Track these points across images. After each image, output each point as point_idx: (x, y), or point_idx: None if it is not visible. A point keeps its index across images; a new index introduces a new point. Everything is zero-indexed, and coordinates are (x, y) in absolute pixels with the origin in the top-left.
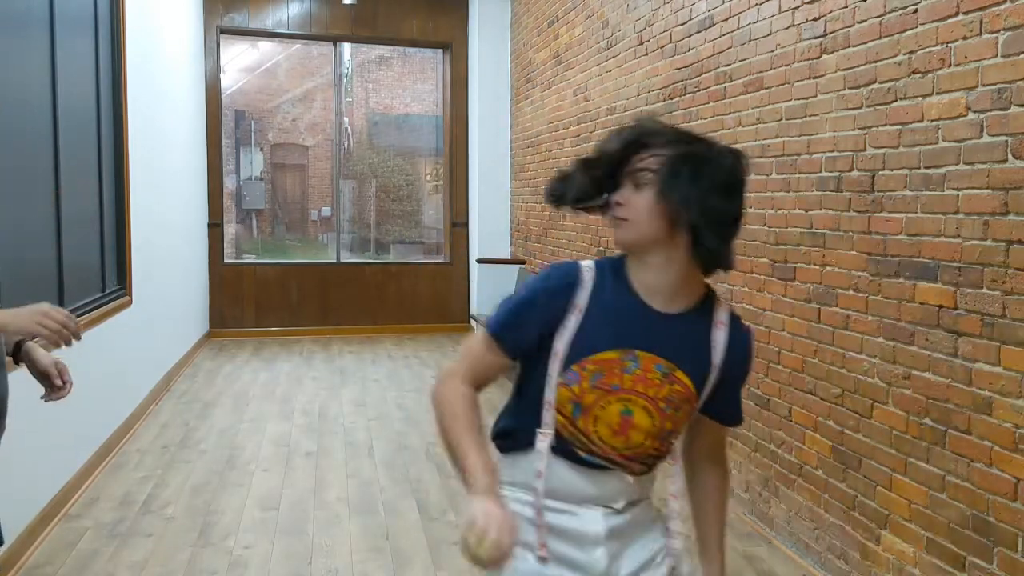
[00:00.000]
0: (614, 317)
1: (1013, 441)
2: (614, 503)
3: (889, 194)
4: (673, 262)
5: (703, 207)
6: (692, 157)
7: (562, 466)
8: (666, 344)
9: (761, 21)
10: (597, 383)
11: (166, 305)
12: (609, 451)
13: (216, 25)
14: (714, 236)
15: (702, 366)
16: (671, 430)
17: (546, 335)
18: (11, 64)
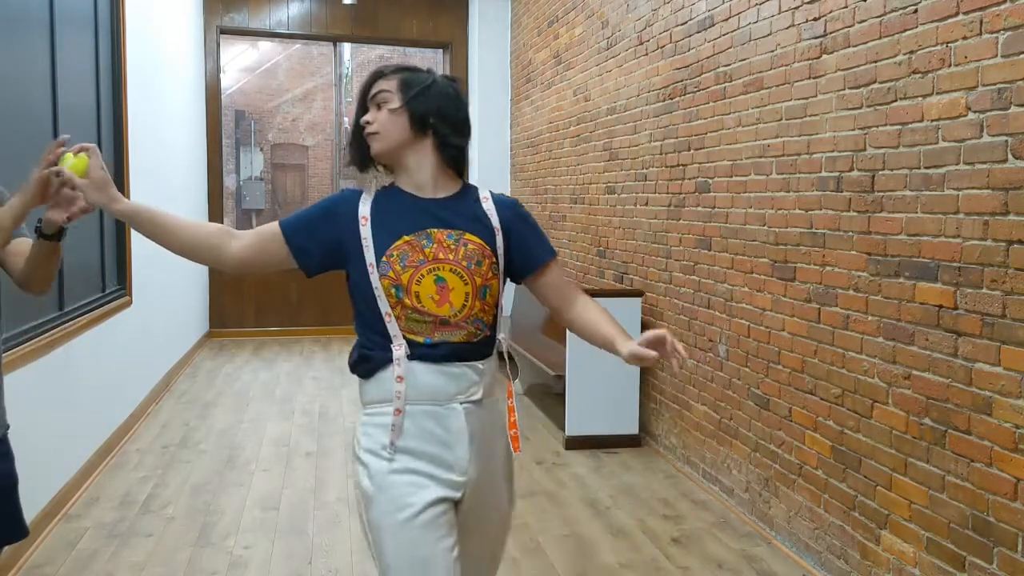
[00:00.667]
0: (397, 214)
1: (1013, 441)
2: (472, 396)
3: (889, 194)
4: (425, 159)
5: (440, 112)
6: (419, 76)
7: (421, 369)
8: (447, 218)
9: (761, 21)
10: (406, 263)
11: (166, 305)
12: (442, 317)
13: (216, 25)
14: (455, 135)
15: (485, 228)
16: (483, 285)
17: (349, 251)
18: (11, 64)
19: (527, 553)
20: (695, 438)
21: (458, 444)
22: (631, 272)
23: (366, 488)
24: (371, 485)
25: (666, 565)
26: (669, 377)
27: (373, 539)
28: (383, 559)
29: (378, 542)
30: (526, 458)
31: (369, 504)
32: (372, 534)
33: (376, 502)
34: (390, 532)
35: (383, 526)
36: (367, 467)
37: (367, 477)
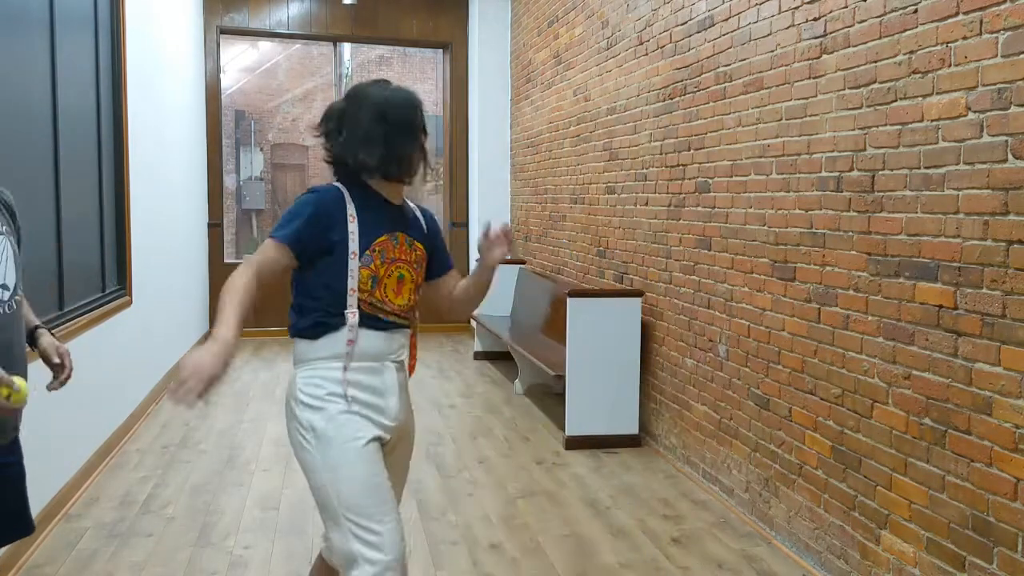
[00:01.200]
0: (376, 214)
1: (1013, 441)
2: (400, 356)
3: (889, 194)
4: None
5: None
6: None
7: (366, 333)
8: (404, 225)
9: (761, 21)
10: (384, 259)
11: (166, 305)
12: (395, 308)
13: (216, 25)
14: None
15: (424, 237)
16: (417, 284)
17: (335, 241)
18: (11, 64)
19: (527, 553)
20: (695, 438)
21: (390, 394)
22: (631, 272)
23: (322, 428)
24: (327, 425)
25: (666, 565)
26: (669, 377)
27: (327, 478)
28: (341, 493)
29: (334, 479)
30: (526, 458)
31: (325, 442)
32: (326, 473)
33: (332, 440)
34: (348, 465)
35: (340, 461)
36: (321, 410)
37: (323, 419)
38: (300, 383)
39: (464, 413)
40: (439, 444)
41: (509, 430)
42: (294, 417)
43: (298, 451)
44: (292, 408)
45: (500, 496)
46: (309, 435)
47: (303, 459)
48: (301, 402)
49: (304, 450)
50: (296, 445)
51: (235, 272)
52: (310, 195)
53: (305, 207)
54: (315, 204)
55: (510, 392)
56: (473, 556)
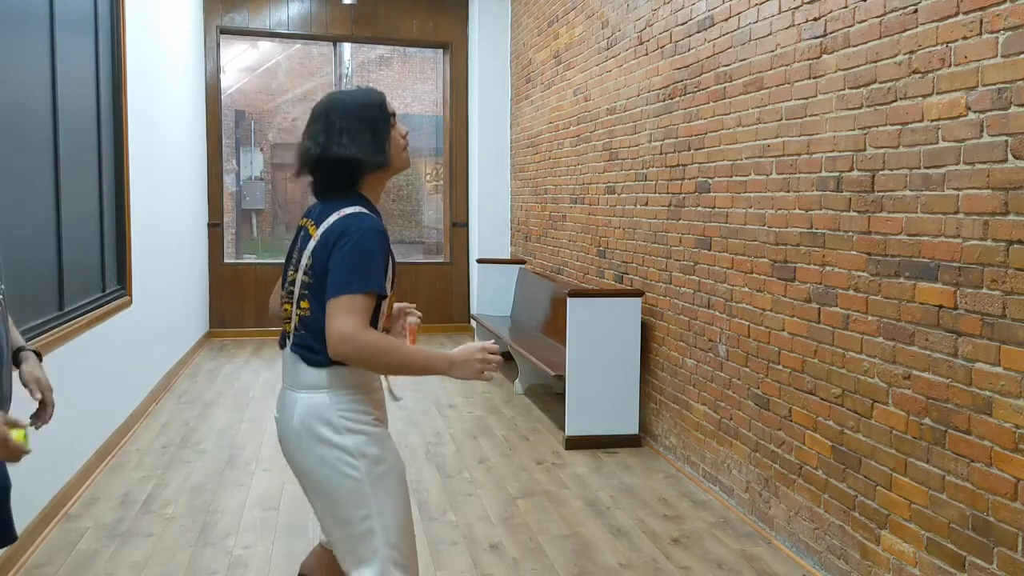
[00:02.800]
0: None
1: (1013, 441)
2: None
3: (889, 194)
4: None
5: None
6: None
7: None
8: None
9: (761, 21)
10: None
11: (166, 305)
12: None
13: (216, 25)
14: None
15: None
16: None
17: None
18: (11, 64)
19: (527, 553)
20: (695, 438)
21: (384, 406)
22: (631, 272)
23: (375, 454)
24: (378, 449)
25: (666, 565)
26: (669, 377)
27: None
28: (391, 524)
29: (385, 509)
30: (526, 458)
31: (379, 468)
32: (376, 502)
33: (385, 463)
34: (399, 495)
35: (392, 485)
36: (368, 434)
37: (372, 444)
38: (337, 409)
39: (464, 413)
40: (439, 444)
41: (509, 430)
42: (334, 446)
43: (337, 482)
44: (327, 437)
45: (500, 496)
46: (359, 461)
47: (345, 488)
48: (346, 429)
49: (349, 479)
50: (336, 476)
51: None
52: (374, 236)
53: (379, 248)
54: (384, 245)
55: (510, 392)
56: (473, 556)
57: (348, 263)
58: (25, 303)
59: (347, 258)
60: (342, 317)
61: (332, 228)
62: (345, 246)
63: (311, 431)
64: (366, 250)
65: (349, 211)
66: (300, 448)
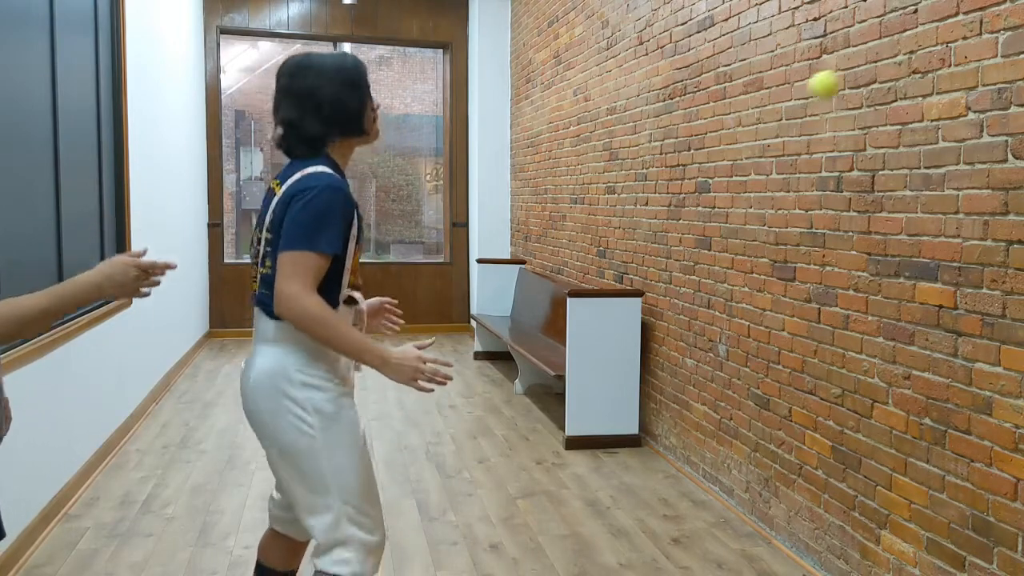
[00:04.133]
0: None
1: (1013, 441)
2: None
3: (889, 194)
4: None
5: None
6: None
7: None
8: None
9: (761, 21)
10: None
11: (166, 305)
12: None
13: (216, 25)
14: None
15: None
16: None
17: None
18: (11, 64)
19: (527, 553)
20: (695, 438)
21: (351, 366)
22: (631, 272)
23: (330, 411)
24: (333, 407)
25: (666, 565)
26: (669, 377)
27: (329, 463)
28: (345, 479)
29: (339, 464)
30: (526, 458)
31: (333, 425)
32: (328, 458)
33: (340, 423)
34: (353, 450)
35: (346, 446)
36: (322, 390)
37: (327, 400)
38: (295, 363)
39: (464, 413)
40: (439, 444)
41: (509, 430)
42: (288, 398)
43: (291, 435)
44: (284, 388)
45: (500, 496)
46: (312, 417)
47: (298, 443)
48: (301, 383)
49: (303, 434)
50: (289, 429)
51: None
52: (332, 193)
53: (336, 209)
54: (343, 204)
55: (510, 392)
56: (473, 556)
57: (301, 220)
58: None
59: (300, 214)
60: (287, 277)
61: (293, 184)
62: (300, 202)
63: (267, 383)
64: (321, 208)
65: (311, 170)
66: (255, 399)
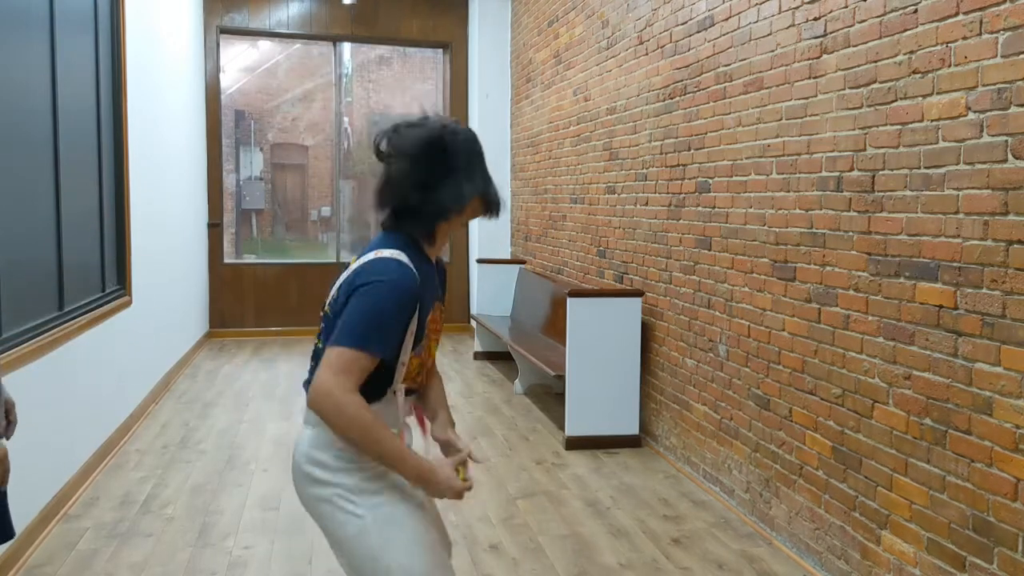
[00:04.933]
0: (429, 283)
1: (1013, 441)
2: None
3: (889, 194)
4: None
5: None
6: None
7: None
8: (439, 289)
9: (761, 21)
10: (431, 338)
11: (166, 305)
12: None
13: (216, 25)
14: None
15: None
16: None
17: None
18: (11, 64)
19: (527, 553)
20: (695, 438)
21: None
22: (631, 272)
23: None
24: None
25: (666, 565)
26: (669, 377)
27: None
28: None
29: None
30: (526, 458)
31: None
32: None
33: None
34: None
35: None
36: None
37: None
38: (336, 447)
39: (464, 413)
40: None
41: (509, 430)
42: (328, 484)
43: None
44: (322, 476)
45: (500, 496)
46: (359, 497)
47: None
48: (339, 468)
49: (352, 516)
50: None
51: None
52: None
53: (395, 306)
54: (403, 299)
55: (510, 392)
56: (473, 556)
57: (358, 314)
58: (25, 303)
59: (358, 308)
60: (330, 370)
61: (362, 267)
62: (361, 294)
63: (308, 466)
64: (380, 305)
65: (386, 254)
66: (303, 482)
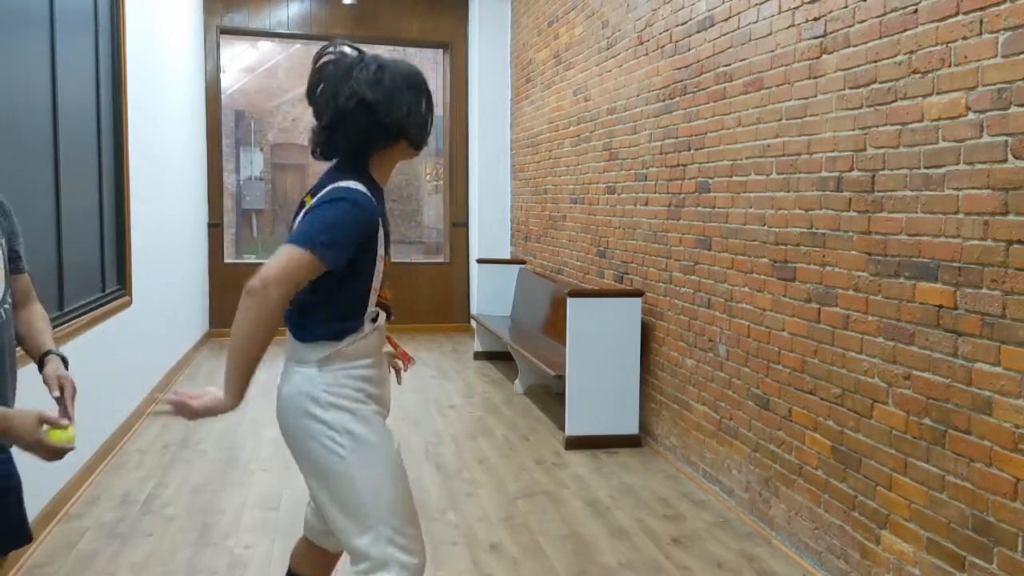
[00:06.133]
0: (383, 208)
1: (1013, 441)
2: (385, 347)
3: (889, 194)
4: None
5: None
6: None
7: (374, 330)
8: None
9: (761, 21)
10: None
11: (166, 305)
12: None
13: (216, 25)
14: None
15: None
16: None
17: (366, 246)
18: (11, 64)
19: (527, 553)
20: (695, 438)
21: (386, 384)
22: (631, 272)
23: (360, 431)
24: (364, 428)
25: (666, 565)
26: (669, 377)
27: (365, 483)
28: (381, 497)
29: (374, 483)
30: (526, 458)
31: (363, 445)
32: (363, 478)
33: (371, 442)
34: (388, 469)
35: (380, 465)
36: (352, 412)
37: (357, 421)
38: (323, 384)
39: (464, 413)
40: (439, 444)
41: (509, 430)
42: (318, 420)
43: (323, 457)
44: (312, 411)
45: (500, 496)
46: (343, 438)
47: (330, 464)
48: (330, 404)
49: (333, 455)
50: (320, 451)
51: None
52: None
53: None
54: (362, 221)
55: (510, 392)
56: (473, 556)
57: (318, 221)
58: None
59: (318, 216)
60: (276, 263)
61: (326, 193)
62: (323, 207)
63: (298, 404)
64: (337, 217)
65: (346, 183)
66: (288, 419)
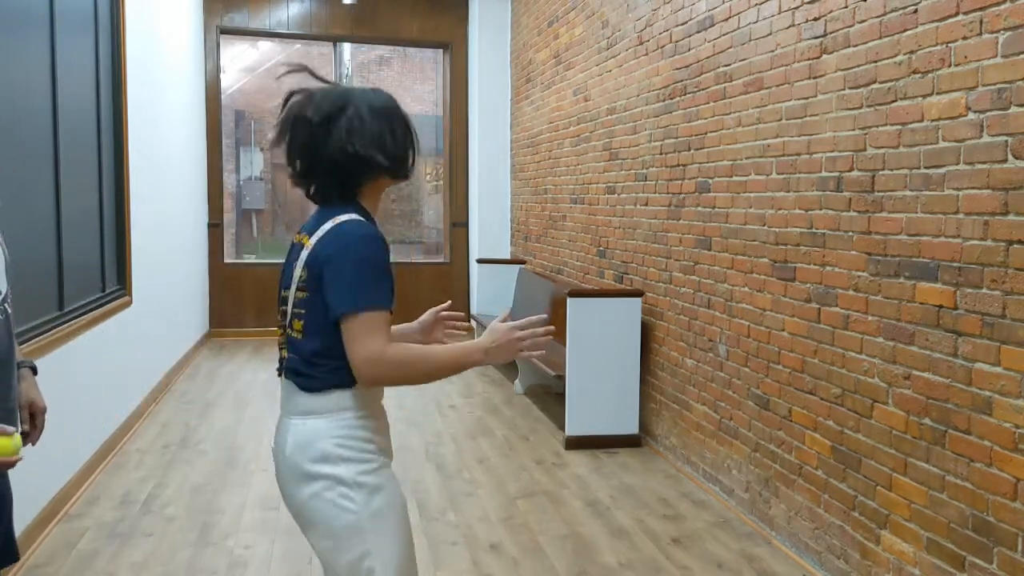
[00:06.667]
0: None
1: (1013, 441)
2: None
3: (889, 194)
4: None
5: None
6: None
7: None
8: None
9: (761, 21)
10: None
11: (166, 305)
12: None
13: (216, 25)
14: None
15: None
16: None
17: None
18: (11, 64)
19: (527, 553)
20: (695, 438)
21: (388, 433)
22: (631, 272)
23: (372, 482)
24: (376, 479)
25: (666, 565)
26: (669, 377)
27: (378, 533)
28: (389, 547)
29: (385, 537)
30: (526, 458)
31: (375, 497)
32: (377, 526)
33: (383, 494)
34: (398, 525)
35: (392, 520)
36: (366, 463)
37: (369, 473)
38: (332, 435)
39: (464, 413)
40: (439, 444)
41: (509, 430)
42: (326, 477)
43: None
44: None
45: (500, 496)
46: (356, 492)
47: (342, 523)
48: (340, 457)
49: (346, 511)
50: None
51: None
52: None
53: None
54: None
55: (510, 392)
56: (473, 556)
57: (351, 275)
58: (25, 303)
59: (347, 270)
60: (363, 339)
61: (328, 234)
62: (348, 257)
63: (304, 460)
64: (372, 261)
65: (345, 218)
66: (292, 479)
